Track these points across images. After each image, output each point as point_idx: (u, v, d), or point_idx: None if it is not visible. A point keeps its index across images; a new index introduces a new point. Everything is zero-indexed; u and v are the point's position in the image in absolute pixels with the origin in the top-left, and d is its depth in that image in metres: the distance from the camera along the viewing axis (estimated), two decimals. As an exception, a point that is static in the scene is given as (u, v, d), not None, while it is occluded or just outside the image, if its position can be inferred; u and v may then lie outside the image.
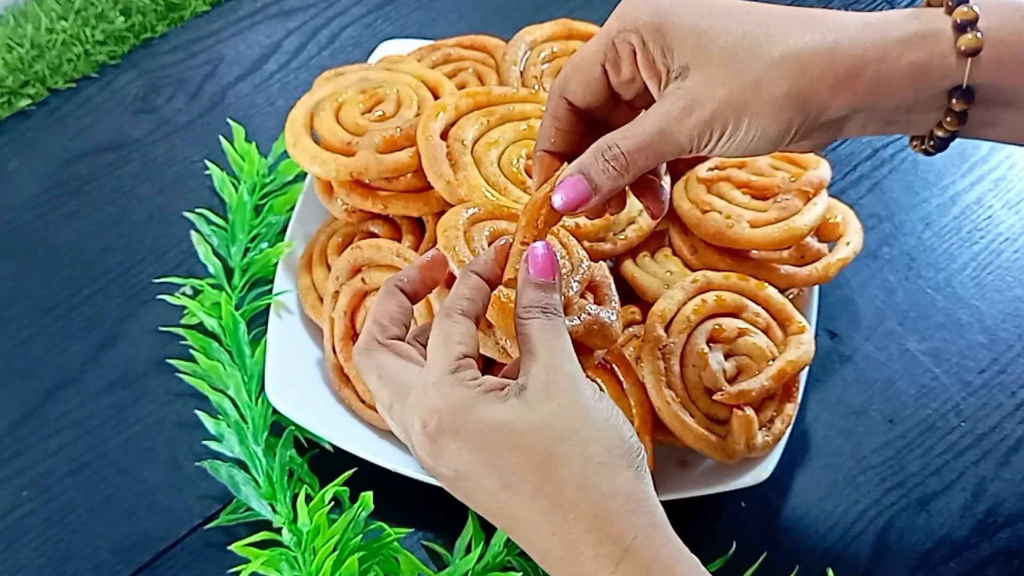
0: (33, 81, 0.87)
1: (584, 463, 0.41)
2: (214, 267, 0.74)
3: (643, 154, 0.45)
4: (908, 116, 0.45)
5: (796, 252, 0.67)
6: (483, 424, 0.42)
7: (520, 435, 0.42)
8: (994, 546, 0.63)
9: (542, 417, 0.42)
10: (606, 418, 0.43)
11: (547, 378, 0.43)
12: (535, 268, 0.46)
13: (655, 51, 0.45)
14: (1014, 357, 0.71)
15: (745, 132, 0.44)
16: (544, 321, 0.45)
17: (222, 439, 0.66)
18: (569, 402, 0.42)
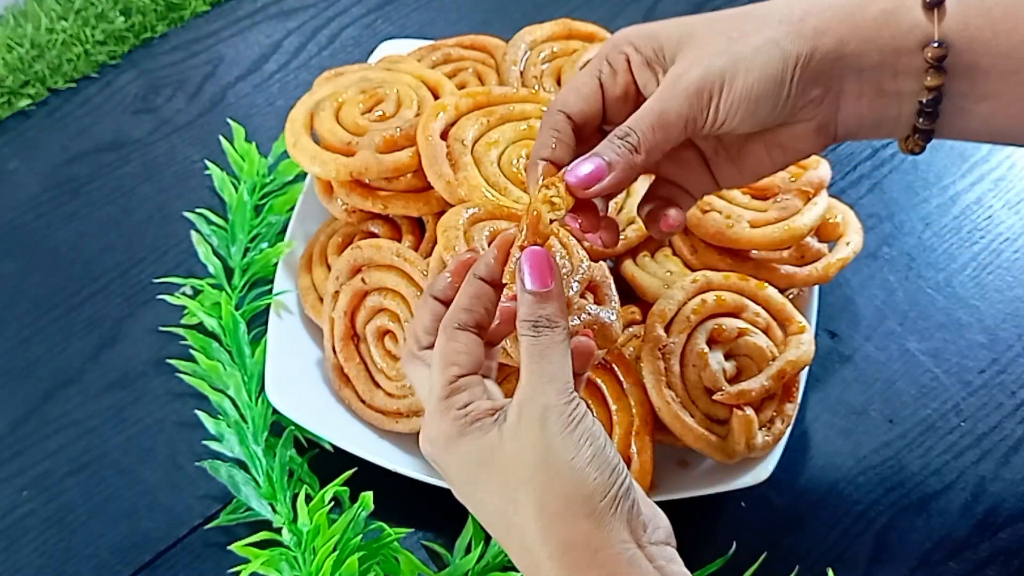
0: (33, 81, 0.87)
1: (540, 512, 0.41)
2: (214, 267, 0.74)
3: (651, 128, 0.45)
4: (895, 82, 0.45)
5: (796, 252, 0.67)
6: (461, 460, 0.43)
7: (488, 477, 0.43)
8: (994, 546, 0.63)
9: (509, 456, 0.42)
10: (568, 459, 0.41)
11: (520, 412, 0.42)
12: (529, 276, 0.45)
13: (647, 52, 0.47)
14: (1014, 357, 0.71)
15: (743, 83, 0.44)
16: (532, 340, 0.44)
17: (222, 439, 0.66)
18: (533, 443, 0.42)
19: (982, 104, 0.46)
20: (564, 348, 0.44)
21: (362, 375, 0.65)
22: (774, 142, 0.49)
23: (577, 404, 0.42)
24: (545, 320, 0.44)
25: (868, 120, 0.47)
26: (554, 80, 0.73)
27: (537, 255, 0.45)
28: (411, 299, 0.62)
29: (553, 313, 0.44)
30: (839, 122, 0.47)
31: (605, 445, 0.42)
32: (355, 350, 0.65)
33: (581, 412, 0.42)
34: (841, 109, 0.46)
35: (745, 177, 0.51)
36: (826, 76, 0.45)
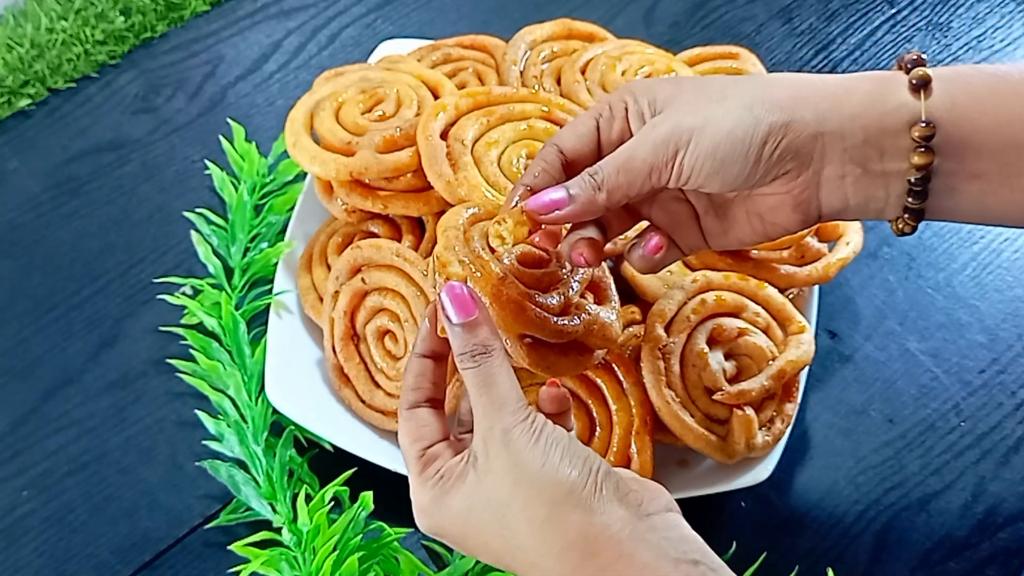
0: (33, 81, 0.87)
1: (531, 526, 0.42)
2: (214, 267, 0.74)
3: (616, 170, 0.47)
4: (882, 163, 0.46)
5: (796, 252, 0.67)
6: (450, 519, 0.45)
7: (478, 518, 0.44)
8: (994, 546, 0.63)
9: (490, 489, 0.43)
10: (540, 467, 0.42)
11: (485, 445, 0.43)
12: (452, 311, 0.46)
13: (643, 104, 0.48)
14: (1014, 357, 0.71)
15: (709, 141, 0.45)
16: (473, 371, 0.45)
17: (222, 439, 0.66)
18: (505, 468, 0.43)
19: (972, 183, 0.46)
20: (506, 368, 0.45)
21: (362, 375, 0.65)
22: (753, 210, 0.49)
23: (534, 417, 0.44)
24: (480, 347, 0.45)
25: (854, 202, 0.47)
26: (554, 80, 0.73)
27: (453, 289, 0.46)
28: (411, 299, 0.62)
29: (485, 338, 0.45)
30: (822, 202, 0.47)
31: (570, 443, 0.43)
32: (355, 350, 0.65)
33: (540, 423, 0.43)
34: (823, 188, 0.47)
35: (730, 241, 0.52)
36: (804, 152, 0.46)
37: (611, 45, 0.74)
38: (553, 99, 0.67)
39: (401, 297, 0.63)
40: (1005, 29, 0.91)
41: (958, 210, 0.48)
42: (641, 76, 0.70)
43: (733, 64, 0.75)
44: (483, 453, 0.44)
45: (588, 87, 0.70)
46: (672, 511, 0.44)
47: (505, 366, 0.45)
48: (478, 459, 0.44)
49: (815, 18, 0.92)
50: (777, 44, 0.89)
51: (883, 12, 0.93)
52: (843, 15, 0.92)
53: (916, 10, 0.93)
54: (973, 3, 0.93)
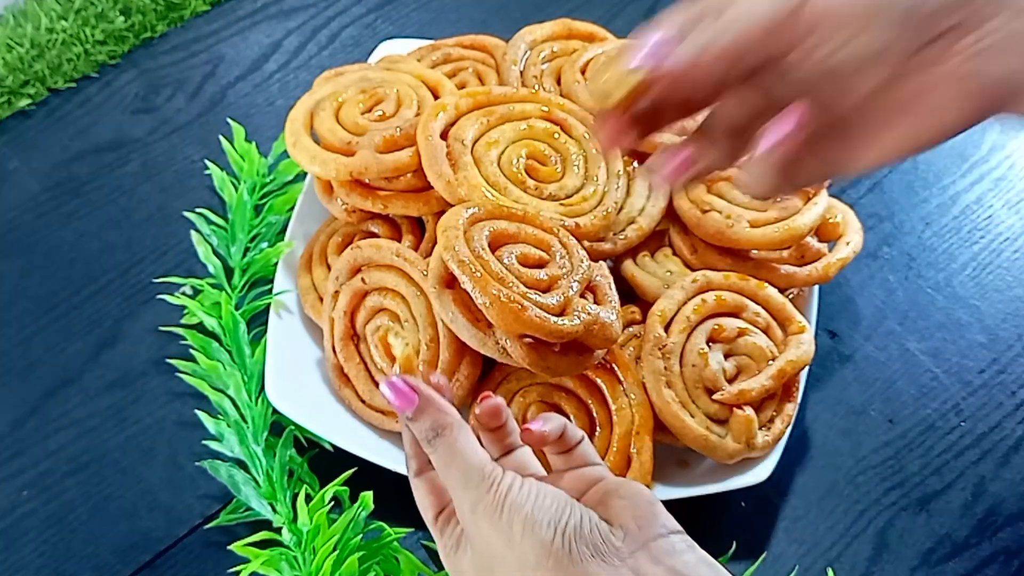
0: (33, 81, 0.87)
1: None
2: (214, 267, 0.74)
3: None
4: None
5: (796, 252, 0.67)
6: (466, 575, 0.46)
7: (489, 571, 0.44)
8: (994, 546, 0.63)
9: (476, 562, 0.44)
10: (505, 544, 0.42)
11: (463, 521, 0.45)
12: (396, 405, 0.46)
13: None
14: (1014, 357, 0.71)
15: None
16: (434, 454, 0.45)
17: (222, 439, 0.66)
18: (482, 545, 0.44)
19: None
20: (462, 440, 0.45)
21: (362, 375, 0.65)
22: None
23: (496, 486, 0.43)
24: (431, 432, 0.45)
25: None
26: (554, 80, 0.73)
27: (392, 384, 0.46)
28: (411, 299, 0.62)
29: (434, 421, 0.45)
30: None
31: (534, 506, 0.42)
32: (355, 350, 0.65)
33: (503, 490, 0.43)
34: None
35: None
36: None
37: (611, 45, 0.74)
38: (553, 99, 0.67)
39: (401, 297, 0.63)
40: (1005, 29, 0.91)
41: None
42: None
43: (733, 64, 0.75)
44: (465, 525, 0.45)
45: (588, 87, 0.70)
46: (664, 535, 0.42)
47: (461, 436, 0.45)
48: (466, 531, 0.45)
49: (815, 18, 0.92)
50: (777, 44, 0.89)
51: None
52: (843, 15, 0.92)
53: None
54: (973, 3, 0.93)
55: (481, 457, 0.44)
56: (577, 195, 0.64)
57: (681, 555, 0.42)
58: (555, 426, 0.48)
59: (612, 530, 0.42)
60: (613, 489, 0.45)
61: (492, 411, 0.49)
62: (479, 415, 0.49)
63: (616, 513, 0.43)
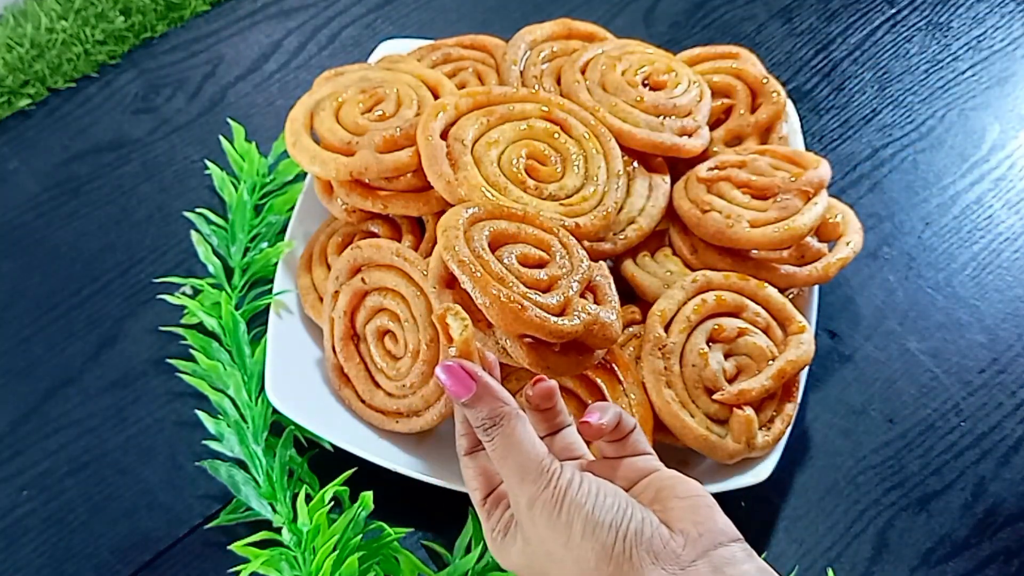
0: (33, 81, 0.87)
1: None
2: (214, 267, 0.74)
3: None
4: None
5: (796, 252, 0.67)
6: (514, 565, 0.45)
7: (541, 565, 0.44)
8: (994, 546, 0.63)
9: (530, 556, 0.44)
10: (563, 544, 0.41)
11: (519, 513, 0.44)
12: (451, 392, 0.45)
13: None
14: (1014, 357, 0.71)
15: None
16: (489, 444, 0.44)
17: (222, 439, 0.66)
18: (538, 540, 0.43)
19: None
20: (520, 432, 0.44)
21: (362, 375, 0.65)
22: None
23: (555, 482, 0.42)
24: (488, 420, 0.44)
25: None
26: (554, 80, 0.73)
27: (450, 369, 0.45)
28: (411, 299, 0.62)
29: (492, 409, 0.44)
30: None
31: (595, 505, 0.42)
32: (355, 350, 0.65)
33: (563, 486, 0.42)
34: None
35: None
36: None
37: (611, 45, 0.74)
38: (553, 99, 0.67)
39: (401, 297, 0.63)
40: (1005, 29, 0.91)
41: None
42: (641, 76, 0.70)
43: (733, 64, 0.75)
44: (516, 525, 0.44)
45: (588, 87, 0.70)
46: (725, 544, 0.42)
47: (519, 428, 0.44)
48: (519, 522, 0.44)
49: (815, 18, 0.92)
50: (777, 44, 0.89)
51: (883, 12, 0.93)
52: (843, 15, 0.92)
53: (916, 10, 0.93)
54: (973, 3, 0.93)
55: (540, 450, 0.43)
56: (577, 195, 0.64)
57: (741, 565, 0.41)
58: (611, 417, 0.47)
59: (672, 535, 0.41)
60: (670, 486, 0.44)
61: (546, 393, 0.48)
62: (532, 397, 0.48)
63: (676, 516, 0.42)
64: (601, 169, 0.65)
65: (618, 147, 0.67)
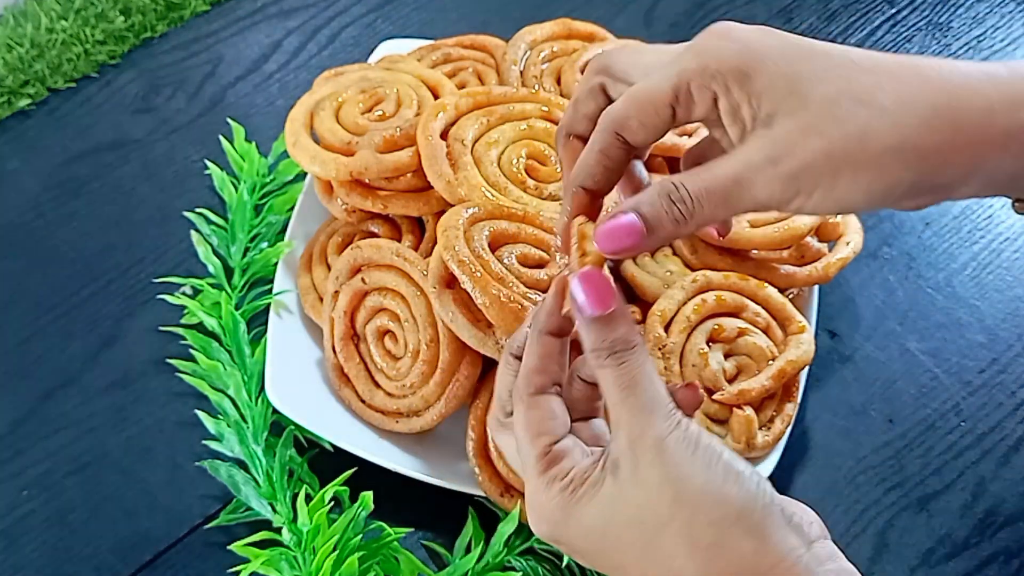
0: (33, 81, 0.87)
1: (693, 550, 0.37)
2: (214, 267, 0.74)
3: (713, 202, 0.38)
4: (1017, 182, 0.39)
5: (796, 252, 0.67)
6: (584, 531, 0.39)
7: (622, 531, 0.38)
8: (994, 546, 0.63)
9: (638, 507, 0.38)
10: (703, 483, 0.37)
11: (634, 454, 0.38)
12: (582, 303, 0.40)
13: (740, 98, 0.39)
14: (1014, 357, 0.71)
15: (845, 189, 0.37)
16: (615, 370, 0.39)
17: (222, 439, 0.66)
18: (660, 481, 0.37)
19: None
20: (651, 367, 0.39)
21: (362, 375, 0.65)
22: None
23: (687, 424, 0.38)
24: (620, 343, 0.39)
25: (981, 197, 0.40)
26: (554, 80, 0.73)
27: (590, 277, 0.40)
28: (411, 299, 0.62)
29: (626, 333, 0.39)
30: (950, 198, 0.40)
31: (731, 455, 0.38)
32: (355, 350, 0.65)
33: (695, 431, 0.38)
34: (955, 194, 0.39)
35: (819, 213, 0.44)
36: (944, 188, 0.38)
37: (611, 45, 0.74)
38: (553, 99, 0.67)
39: (401, 297, 0.63)
40: (1005, 29, 0.91)
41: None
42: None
43: (733, 64, 0.75)
44: (629, 461, 0.38)
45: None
46: (827, 537, 0.40)
47: (650, 364, 0.39)
48: (620, 467, 0.38)
49: (815, 18, 0.92)
50: (777, 44, 0.89)
51: (883, 12, 0.93)
52: (843, 15, 0.92)
53: (916, 10, 0.93)
54: (973, 3, 0.93)
55: (664, 389, 0.39)
56: (577, 195, 0.64)
57: (838, 560, 0.39)
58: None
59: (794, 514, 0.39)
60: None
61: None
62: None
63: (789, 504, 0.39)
64: (601, 169, 0.65)
65: (618, 147, 0.67)
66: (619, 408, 0.39)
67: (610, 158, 0.42)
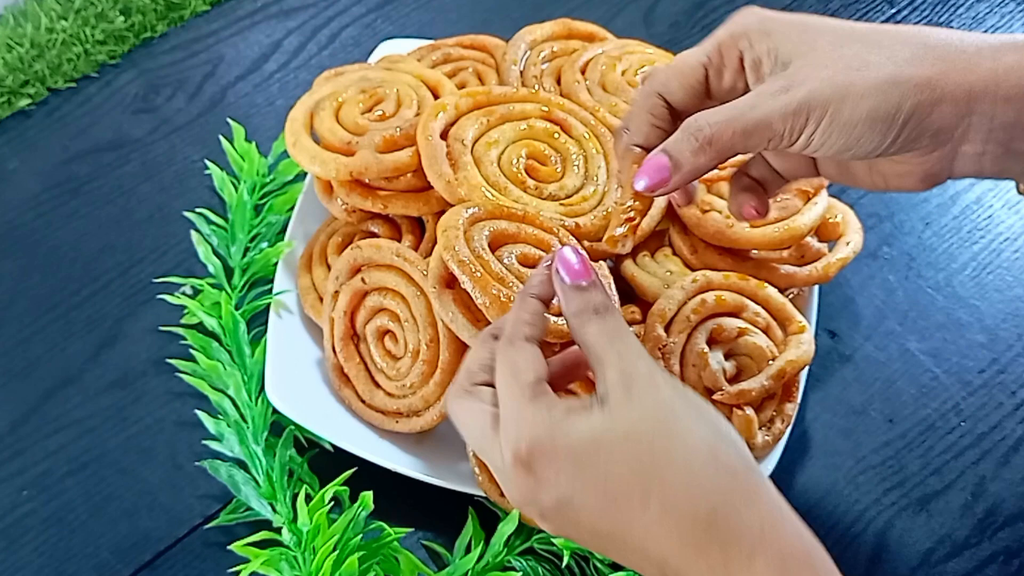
0: (33, 81, 0.87)
1: (687, 463, 0.39)
2: (214, 267, 0.74)
3: (730, 129, 0.43)
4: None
5: (796, 252, 0.67)
6: (575, 442, 0.40)
7: (615, 445, 0.40)
8: (994, 546, 0.63)
9: (632, 423, 0.40)
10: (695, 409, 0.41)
11: (625, 382, 0.41)
12: (569, 272, 0.45)
13: (761, 52, 0.44)
14: (1014, 357, 0.71)
15: (849, 114, 0.42)
16: (600, 324, 0.43)
17: (222, 439, 0.66)
18: (655, 403, 0.40)
19: None
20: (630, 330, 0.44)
21: (362, 375, 0.65)
22: (876, 169, 0.47)
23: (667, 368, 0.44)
24: (602, 306, 0.44)
25: (988, 174, 0.44)
26: (554, 80, 0.73)
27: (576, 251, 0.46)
28: (411, 299, 0.62)
29: (605, 300, 0.44)
30: (953, 171, 0.45)
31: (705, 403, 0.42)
32: (355, 350, 0.65)
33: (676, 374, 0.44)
34: (958, 161, 0.44)
35: (845, 179, 0.50)
36: (946, 131, 0.42)
37: (611, 45, 0.74)
38: (553, 99, 0.67)
39: (401, 297, 0.63)
40: (1005, 29, 0.91)
41: None
42: (641, 76, 0.70)
43: (733, 64, 0.75)
44: (621, 390, 0.40)
45: (588, 87, 0.70)
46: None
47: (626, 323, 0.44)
48: (609, 397, 0.40)
49: (815, 18, 0.92)
50: (777, 44, 0.89)
51: (883, 12, 0.93)
52: (843, 15, 0.92)
53: (916, 10, 0.93)
54: (973, 3, 0.93)
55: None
56: (577, 195, 0.64)
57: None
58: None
59: None
60: None
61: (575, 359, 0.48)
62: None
63: None
64: (601, 169, 0.65)
65: (618, 147, 0.67)
66: (608, 351, 0.42)
67: (655, 116, 0.47)
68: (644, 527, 0.39)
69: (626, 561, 0.41)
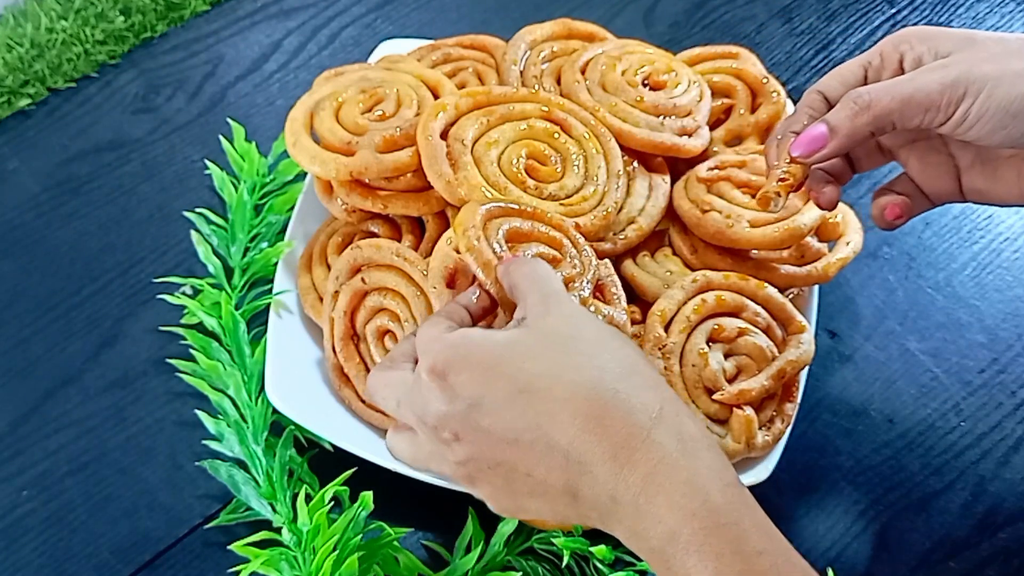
0: (33, 81, 0.87)
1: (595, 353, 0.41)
2: (214, 267, 0.74)
3: (888, 95, 0.46)
4: None
5: (796, 252, 0.67)
6: (490, 350, 0.42)
7: (529, 347, 0.41)
8: (994, 546, 0.63)
9: (549, 327, 0.42)
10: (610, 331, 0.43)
11: (544, 301, 0.43)
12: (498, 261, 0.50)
13: (922, 51, 0.48)
14: (1014, 357, 0.71)
15: (1005, 93, 0.43)
16: (521, 264, 0.47)
17: (222, 439, 0.66)
18: (572, 312, 0.43)
19: None
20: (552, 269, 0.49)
21: (362, 375, 0.65)
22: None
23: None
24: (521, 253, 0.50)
25: None
26: (554, 80, 0.73)
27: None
28: (411, 299, 0.62)
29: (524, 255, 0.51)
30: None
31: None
32: (355, 350, 0.65)
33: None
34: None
35: (991, 198, 0.51)
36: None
37: (611, 45, 0.74)
38: (553, 99, 0.67)
39: (401, 297, 0.63)
40: (1005, 29, 0.91)
41: None
42: (641, 76, 0.70)
43: (733, 64, 0.75)
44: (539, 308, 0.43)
45: (588, 87, 0.70)
46: None
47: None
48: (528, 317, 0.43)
49: (815, 18, 0.92)
50: (777, 44, 0.89)
51: (883, 12, 0.93)
52: (843, 15, 0.92)
53: (916, 10, 0.93)
54: (973, 3, 0.93)
55: None
56: (577, 195, 0.64)
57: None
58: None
59: None
60: None
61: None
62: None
63: None
64: (601, 169, 0.65)
65: (618, 147, 0.67)
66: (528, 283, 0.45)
67: (813, 108, 0.51)
68: (550, 414, 0.40)
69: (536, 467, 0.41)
